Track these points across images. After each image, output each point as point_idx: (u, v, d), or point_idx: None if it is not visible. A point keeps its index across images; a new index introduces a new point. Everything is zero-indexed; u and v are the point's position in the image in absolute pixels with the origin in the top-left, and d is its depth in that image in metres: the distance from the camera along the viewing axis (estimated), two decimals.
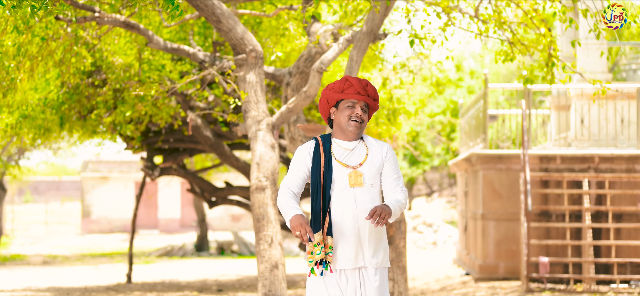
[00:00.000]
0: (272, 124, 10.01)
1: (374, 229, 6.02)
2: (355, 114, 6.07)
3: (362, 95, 6.08)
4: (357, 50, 10.06)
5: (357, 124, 6.08)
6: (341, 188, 6.01)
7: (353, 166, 6.05)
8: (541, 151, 16.53)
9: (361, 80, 6.15)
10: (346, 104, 6.12)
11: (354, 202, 5.99)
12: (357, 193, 6.00)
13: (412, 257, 25.63)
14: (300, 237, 5.86)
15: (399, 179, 6.14)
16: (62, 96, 14.38)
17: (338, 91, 6.15)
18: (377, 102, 6.20)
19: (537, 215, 15.98)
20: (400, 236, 11.14)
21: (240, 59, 10.13)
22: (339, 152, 6.12)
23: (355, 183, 6.00)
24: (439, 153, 38.68)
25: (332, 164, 6.08)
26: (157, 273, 23.40)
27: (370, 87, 6.14)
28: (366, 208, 5.98)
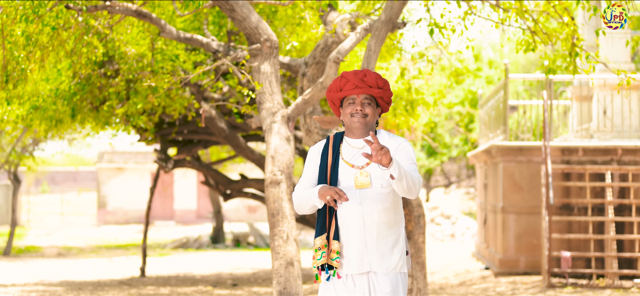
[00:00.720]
0: (287, 116, 9.71)
1: (384, 232, 5.69)
2: (356, 110, 5.75)
3: (361, 87, 5.75)
4: (375, 39, 9.72)
5: (361, 118, 5.75)
6: (347, 189, 5.70)
7: (359, 165, 5.72)
8: (563, 142, 16.20)
9: (358, 72, 5.81)
10: (347, 101, 5.82)
11: (359, 204, 5.66)
12: (363, 194, 5.67)
13: (431, 250, 25.29)
14: (332, 200, 5.58)
15: (412, 165, 5.74)
16: (73, 86, 14.10)
17: (337, 90, 5.85)
18: (383, 91, 5.82)
19: (559, 208, 15.68)
20: (419, 231, 10.83)
21: (255, 49, 9.84)
22: (348, 151, 5.81)
23: (361, 184, 5.67)
24: (457, 143, 38.33)
25: (338, 164, 5.78)
26: (171, 266, 23.17)
27: (369, 77, 5.79)
28: (373, 211, 5.66)
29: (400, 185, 5.48)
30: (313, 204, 5.71)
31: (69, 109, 14.41)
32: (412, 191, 5.57)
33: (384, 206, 5.68)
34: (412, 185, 5.54)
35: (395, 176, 5.42)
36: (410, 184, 5.52)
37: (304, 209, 5.82)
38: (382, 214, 5.69)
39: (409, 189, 5.54)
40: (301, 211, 5.86)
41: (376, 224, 5.66)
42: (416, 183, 5.58)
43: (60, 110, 14.36)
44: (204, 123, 10.93)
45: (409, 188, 5.53)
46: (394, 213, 5.75)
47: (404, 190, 5.53)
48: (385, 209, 5.69)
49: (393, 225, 5.75)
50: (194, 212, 48.10)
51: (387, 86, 5.86)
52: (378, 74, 5.83)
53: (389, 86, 5.88)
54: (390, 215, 5.73)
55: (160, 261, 25.02)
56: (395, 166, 5.38)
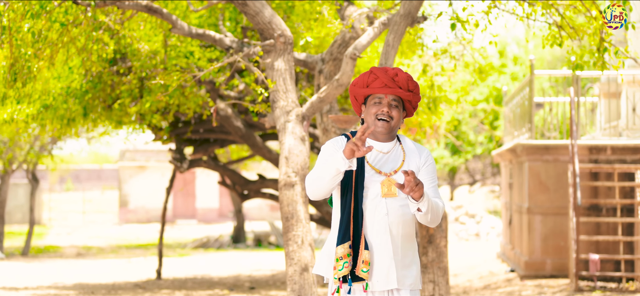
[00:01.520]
0: (302, 114, 9.29)
1: (407, 246, 5.23)
2: (382, 112, 5.25)
3: (390, 87, 5.24)
4: (393, 34, 9.26)
5: (385, 123, 5.26)
6: (372, 197, 5.21)
7: (387, 173, 5.23)
8: (591, 141, 15.72)
9: (389, 70, 5.30)
10: (373, 100, 5.31)
11: (386, 214, 5.18)
12: (389, 204, 5.20)
13: (454, 250, 24.85)
14: (357, 145, 4.90)
15: (436, 190, 5.30)
16: (85, 85, 13.73)
17: (363, 86, 5.33)
18: (413, 94, 5.32)
19: (587, 209, 15.19)
20: (441, 234, 10.38)
21: (268, 45, 9.44)
22: (372, 154, 5.29)
23: (388, 193, 5.19)
24: (481, 141, 37.87)
25: (364, 168, 5.26)
26: (190, 267, 22.83)
27: (401, 77, 5.28)
28: (399, 222, 5.19)
29: (424, 218, 5.11)
30: (336, 167, 5.03)
31: (81, 108, 14.06)
32: (434, 222, 5.20)
33: (406, 217, 5.23)
34: (435, 218, 5.17)
35: (423, 211, 5.04)
36: (434, 217, 5.15)
37: (324, 186, 5.15)
38: (406, 226, 5.24)
39: (432, 221, 5.17)
40: (319, 190, 5.19)
41: (401, 236, 5.22)
42: (440, 214, 5.19)
43: (72, 109, 14.01)
44: (215, 122, 10.52)
45: (432, 219, 5.17)
46: (412, 224, 5.31)
47: (426, 221, 5.15)
48: (408, 221, 5.25)
49: (413, 238, 5.32)
50: (216, 210, 47.83)
51: (418, 89, 5.37)
52: (410, 76, 5.33)
53: (418, 90, 5.39)
54: (411, 227, 5.29)
55: (179, 262, 24.69)
56: (425, 201, 5.00)
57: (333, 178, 5.10)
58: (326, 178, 5.12)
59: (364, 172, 5.24)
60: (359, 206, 5.21)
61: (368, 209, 5.20)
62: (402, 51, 13.94)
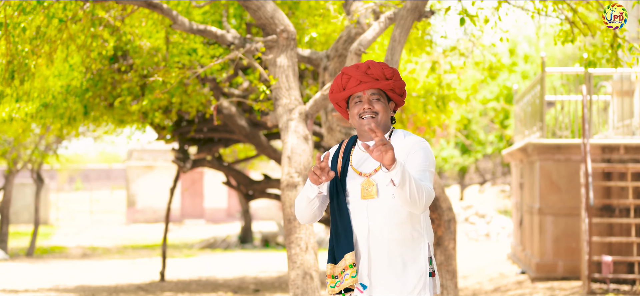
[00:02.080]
0: (305, 113, 8.98)
1: (396, 250, 4.87)
2: (364, 109, 4.97)
3: (366, 82, 4.97)
4: (400, 29, 8.92)
5: (370, 119, 4.97)
6: (354, 199, 4.95)
7: (366, 173, 4.94)
8: (603, 140, 15.39)
9: (360, 65, 5.03)
10: (353, 100, 5.04)
11: (366, 217, 4.89)
12: (370, 206, 4.89)
13: (464, 250, 24.53)
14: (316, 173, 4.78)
15: (425, 175, 4.88)
16: (85, 82, 13.42)
17: (340, 90, 5.08)
18: (393, 81, 5.02)
19: (599, 210, 14.85)
20: (449, 237, 10.05)
21: (270, 41, 9.13)
22: (357, 156, 5.04)
23: (366, 195, 4.89)
24: (492, 140, 37.56)
25: (346, 170, 5.02)
26: (195, 269, 22.54)
27: (374, 68, 5.00)
28: (382, 225, 4.87)
29: (402, 193, 4.65)
30: (307, 196, 4.95)
31: (81, 106, 13.75)
32: (416, 204, 4.72)
33: (396, 219, 4.86)
34: (416, 196, 4.68)
35: (397, 182, 4.58)
36: (415, 194, 4.66)
37: (305, 213, 5.05)
38: (395, 230, 4.86)
39: (413, 201, 4.68)
40: (303, 217, 5.09)
41: (386, 240, 4.86)
42: (423, 194, 4.71)
43: (72, 107, 13.71)
44: (218, 120, 10.21)
45: (413, 199, 4.67)
46: (410, 227, 4.91)
47: (407, 200, 4.69)
48: (398, 223, 4.87)
49: (409, 242, 4.91)
50: (224, 210, 47.56)
51: (397, 75, 5.05)
52: (383, 64, 5.03)
53: (398, 75, 5.06)
54: (405, 230, 4.89)
55: (185, 263, 24.40)
56: (398, 169, 4.55)
57: (309, 204, 4.97)
58: (303, 204, 5.01)
59: (345, 176, 5.01)
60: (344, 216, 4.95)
61: (352, 214, 4.93)
62: (411, 47, 13.62)
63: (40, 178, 28.85)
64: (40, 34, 9.65)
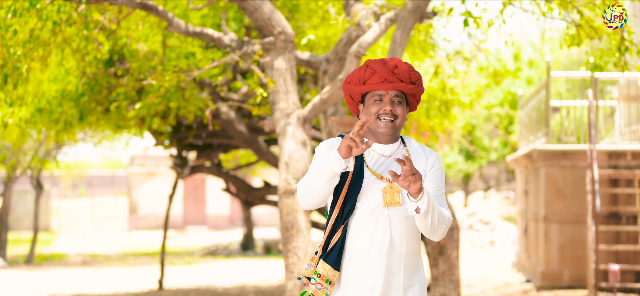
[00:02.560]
0: (304, 117, 8.73)
1: (411, 264, 4.56)
2: (385, 111, 4.58)
3: (391, 82, 4.57)
4: (401, 31, 8.63)
5: (389, 123, 4.59)
6: (373, 205, 4.53)
7: (389, 178, 4.55)
8: (610, 146, 15.10)
9: (388, 62, 4.62)
10: (372, 97, 4.63)
11: (388, 227, 4.51)
12: (392, 214, 4.53)
13: (468, 258, 24.24)
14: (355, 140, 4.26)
15: (442, 198, 4.63)
16: (81, 87, 13.13)
17: (359, 82, 4.66)
18: (416, 87, 4.66)
19: (606, 217, 14.58)
20: (453, 245, 9.77)
21: (268, 43, 8.88)
22: (373, 157, 4.63)
23: (390, 201, 4.51)
24: (496, 146, 37.29)
25: (363, 172, 4.58)
26: (195, 276, 22.26)
27: (401, 69, 4.61)
28: (403, 236, 4.53)
29: (424, 222, 4.39)
30: (331, 169, 4.37)
31: (77, 111, 13.46)
32: (436, 233, 4.47)
33: (413, 231, 4.57)
34: (436, 225, 4.44)
35: (422, 211, 4.32)
36: (436, 223, 4.43)
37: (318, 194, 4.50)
38: (411, 241, 4.58)
39: (433, 229, 4.43)
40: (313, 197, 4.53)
41: (405, 253, 4.55)
42: (444, 223, 4.48)
43: (68, 112, 13.43)
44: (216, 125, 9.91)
45: (433, 228, 4.43)
46: (418, 239, 4.65)
47: (427, 229, 4.43)
48: (414, 235, 4.59)
49: (418, 255, 4.65)
50: (227, 217, 47.27)
51: (421, 80, 4.70)
52: (410, 66, 4.67)
53: (422, 81, 4.72)
54: (417, 242, 4.63)
55: (185, 271, 24.11)
56: (425, 198, 4.29)
57: (328, 181, 4.44)
58: (320, 181, 4.45)
59: (362, 176, 4.57)
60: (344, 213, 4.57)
61: (365, 220, 4.54)
62: (413, 51, 13.35)
63: (39, 185, 28.61)
64: (33, 37, 9.41)
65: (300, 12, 12.74)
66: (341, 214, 4.56)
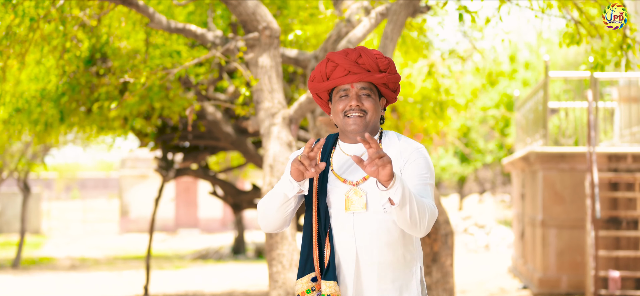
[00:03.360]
0: (289, 117, 8.26)
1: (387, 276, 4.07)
2: (350, 107, 4.14)
3: (356, 73, 4.14)
4: (392, 25, 8.16)
5: (357, 119, 4.14)
6: (337, 213, 4.10)
7: (353, 181, 4.11)
8: (610, 148, 14.68)
9: (351, 52, 4.20)
10: (338, 94, 4.20)
11: (352, 236, 4.06)
12: (357, 221, 4.06)
13: (463, 263, 23.79)
14: (303, 163, 3.92)
15: (427, 191, 4.10)
16: (61, 86, 12.63)
17: (322, 79, 4.24)
18: (387, 75, 4.20)
19: (606, 222, 14.21)
20: (447, 252, 9.30)
21: (252, 39, 8.39)
22: (340, 160, 4.19)
23: (354, 207, 4.06)
24: (492, 149, 36.89)
25: (327, 176, 4.16)
26: (184, 281, 21.79)
27: (366, 58, 4.17)
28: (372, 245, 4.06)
29: (401, 215, 3.85)
30: (283, 193, 4.04)
31: (57, 112, 12.96)
32: (417, 226, 3.93)
33: (388, 238, 4.05)
34: (417, 217, 3.89)
35: (396, 201, 3.79)
36: (416, 215, 3.88)
37: (275, 217, 4.16)
38: (385, 251, 4.06)
39: (413, 222, 3.89)
40: (270, 222, 4.19)
41: (376, 264, 4.05)
42: (426, 214, 3.93)
43: (48, 113, 12.92)
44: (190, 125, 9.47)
45: (413, 220, 3.89)
46: (403, 248, 4.12)
47: (406, 222, 3.89)
48: (390, 243, 4.07)
49: (402, 265, 4.12)
50: (219, 220, 46.82)
51: (392, 67, 4.23)
52: (378, 53, 4.20)
53: (393, 67, 4.24)
54: (397, 252, 4.09)
55: (174, 276, 23.64)
56: (398, 186, 3.76)
57: (282, 205, 4.07)
58: (274, 206, 4.10)
59: (326, 183, 4.14)
60: (322, 224, 4.10)
61: (335, 230, 4.09)
62: (406, 50, 12.88)
63: (26, 187, 28.13)
64: (10, 34, 8.97)
65: (288, 9, 12.29)
66: (320, 224, 4.11)
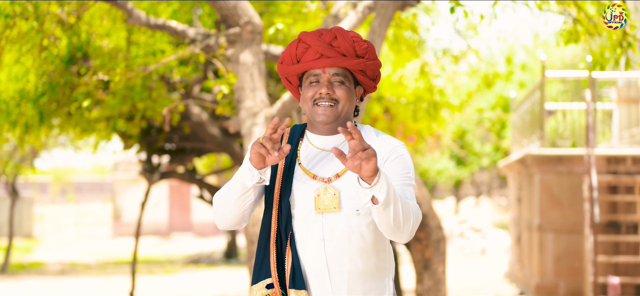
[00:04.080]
0: (272, 116, 7.79)
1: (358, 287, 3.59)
2: (320, 94, 3.66)
3: (330, 57, 3.65)
4: (380, 19, 7.72)
5: (327, 108, 3.66)
6: (305, 213, 3.60)
7: (325, 177, 3.62)
8: (609, 150, 14.28)
9: (325, 33, 3.71)
10: (308, 79, 3.72)
11: (321, 240, 3.57)
12: (327, 223, 3.57)
13: (458, 268, 23.39)
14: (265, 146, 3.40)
15: (408, 189, 3.61)
16: (41, 86, 12.18)
17: (293, 61, 3.75)
18: (365, 61, 3.71)
19: (605, 227, 13.84)
20: (439, 259, 8.87)
21: (233, 34, 7.96)
22: (309, 153, 3.70)
23: (325, 207, 3.56)
24: (488, 152, 36.51)
25: (293, 171, 3.67)
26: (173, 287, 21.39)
27: (342, 40, 3.68)
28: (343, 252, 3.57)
29: (384, 216, 3.37)
30: (241, 183, 3.53)
31: (36, 113, 12.51)
32: (400, 230, 3.44)
33: (360, 244, 3.58)
34: (401, 220, 3.41)
35: (381, 200, 3.29)
36: (400, 217, 3.39)
37: (231, 211, 3.63)
38: (357, 258, 3.59)
39: (397, 225, 3.40)
40: (225, 216, 3.67)
41: (346, 273, 3.57)
42: (411, 216, 3.45)
43: (27, 114, 12.47)
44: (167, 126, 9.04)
45: (397, 223, 3.40)
46: (375, 256, 3.65)
47: (389, 225, 3.41)
48: (363, 250, 3.59)
49: (374, 276, 3.65)
50: (213, 224, 46.43)
51: (371, 51, 3.74)
52: (356, 36, 3.71)
53: (373, 52, 3.75)
54: (370, 260, 3.62)
55: (163, 281, 23.22)
56: (382, 182, 3.27)
57: (240, 197, 3.55)
58: (230, 198, 3.58)
59: (292, 177, 3.65)
60: (283, 225, 3.61)
61: (299, 231, 3.61)
62: (398, 49, 12.46)
63: (14, 191, 27.71)
64: None
65: (276, 6, 11.86)
66: (281, 224, 3.63)
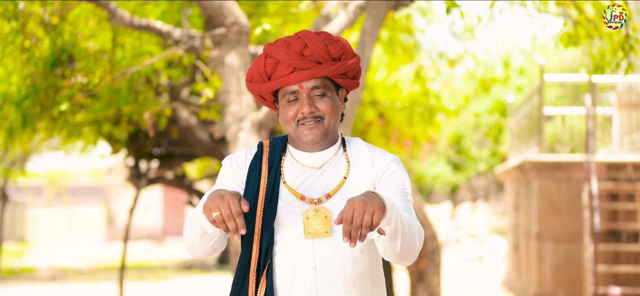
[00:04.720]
0: (259, 122, 7.47)
1: None
2: (303, 114, 3.28)
3: (304, 69, 3.26)
4: (372, 19, 7.36)
5: (313, 127, 3.28)
6: (292, 238, 3.22)
7: (314, 198, 3.24)
8: (609, 157, 13.95)
9: (293, 42, 3.30)
10: (284, 97, 3.33)
11: (312, 268, 3.18)
12: (318, 248, 3.19)
13: (454, 275, 23.04)
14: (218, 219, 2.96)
15: (408, 206, 3.25)
16: (24, 89, 11.82)
17: (263, 79, 3.36)
18: (342, 63, 3.32)
19: (605, 235, 13.55)
20: (433, 270, 8.50)
21: (218, 35, 7.60)
22: (293, 171, 3.34)
23: (315, 231, 3.18)
24: (485, 157, 36.21)
25: (277, 191, 3.28)
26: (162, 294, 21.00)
27: (314, 46, 3.29)
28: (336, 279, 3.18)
29: (391, 248, 3.04)
30: (202, 227, 3.16)
31: (20, 117, 12.15)
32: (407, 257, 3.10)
33: (355, 272, 3.22)
34: (408, 249, 3.07)
35: (388, 232, 2.96)
36: (408, 246, 3.06)
37: (196, 247, 3.26)
38: (351, 288, 3.22)
39: (404, 255, 3.06)
40: (194, 250, 3.31)
41: None
42: (416, 240, 3.11)
43: (10, 117, 12.11)
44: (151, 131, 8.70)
45: (404, 253, 3.06)
46: (370, 283, 3.28)
47: (395, 255, 3.07)
48: (357, 278, 3.23)
49: None
50: None
51: (347, 51, 3.33)
52: (327, 37, 3.31)
53: (349, 50, 3.34)
54: (366, 288, 3.25)
55: (153, 287, 22.88)
56: (390, 214, 2.91)
57: (203, 236, 3.19)
58: (195, 235, 3.21)
59: (276, 197, 3.26)
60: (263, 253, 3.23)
61: (284, 257, 3.22)
62: (393, 51, 12.13)
63: (4, 195, 27.38)
64: None
65: (265, 7, 11.53)
66: (261, 253, 3.23)
